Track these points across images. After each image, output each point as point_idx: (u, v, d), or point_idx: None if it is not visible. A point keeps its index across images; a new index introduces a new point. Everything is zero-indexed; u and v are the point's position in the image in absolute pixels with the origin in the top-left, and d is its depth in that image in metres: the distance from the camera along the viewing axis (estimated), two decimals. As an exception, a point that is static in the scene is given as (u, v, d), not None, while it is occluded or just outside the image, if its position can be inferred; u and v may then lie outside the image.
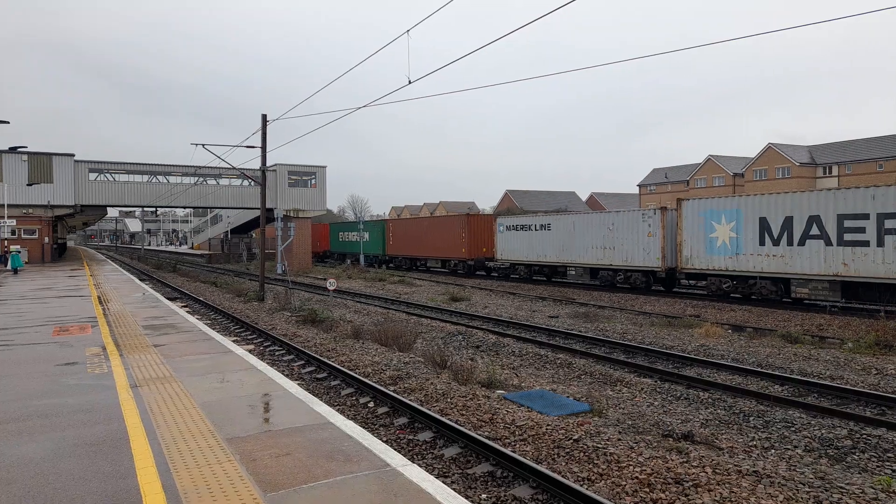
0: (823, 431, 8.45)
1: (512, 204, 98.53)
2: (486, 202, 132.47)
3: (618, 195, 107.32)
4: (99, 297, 19.69)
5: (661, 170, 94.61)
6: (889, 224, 17.86)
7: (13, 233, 37.61)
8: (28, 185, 38.45)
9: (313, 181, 49.75)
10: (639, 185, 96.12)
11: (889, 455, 7.66)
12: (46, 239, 40.90)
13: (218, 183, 46.62)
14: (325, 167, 49.90)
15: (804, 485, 6.33)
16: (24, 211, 38.99)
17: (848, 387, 10.52)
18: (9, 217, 36.26)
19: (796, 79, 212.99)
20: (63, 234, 64.82)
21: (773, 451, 7.84)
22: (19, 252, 33.09)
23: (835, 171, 70.34)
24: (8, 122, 28.39)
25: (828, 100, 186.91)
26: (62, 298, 19.37)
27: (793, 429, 8.67)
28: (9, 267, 32.55)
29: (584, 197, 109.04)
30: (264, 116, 25.23)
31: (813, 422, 8.88)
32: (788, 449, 7.91)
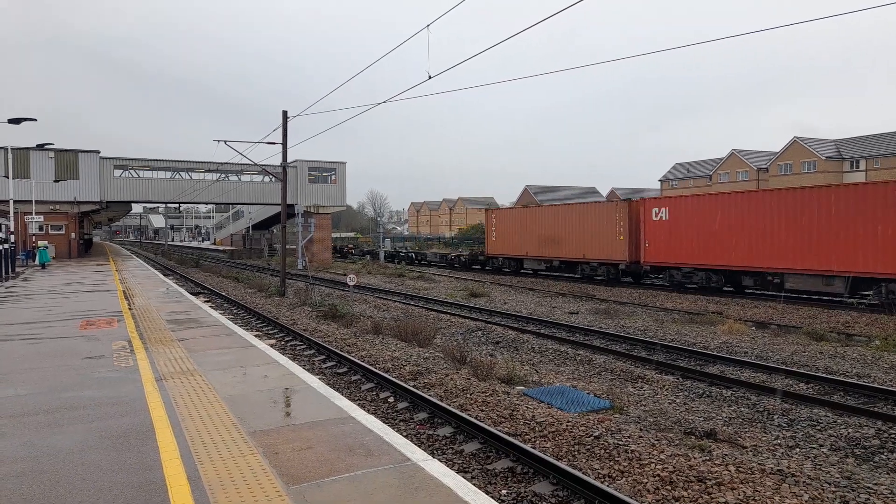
0: (850, 430, 8.31)
1: (532, 199, 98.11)
2: (505, 198, 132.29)
3: (638, 190, 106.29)
4: (124, 292, 20.02)
5: (682, 164, 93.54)
6: None
7: (41, 228, 38.37)
8: (55, 181, 39.17)
9: (333, 177, 50.06)
10: (661, 180, 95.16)
11: (918, 455, 7.50)
12: (73, 235, 41.66)
13: (239, 179, 47.13)
14: (344, 163, 50.17)
15: (830, 484, 6.23)
16: (52, 207, 39.73)
17: (875, 385, 10.33)
18: (36, 213, 36.97)
19: (814, 71, 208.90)
20: (89, 230, 65.97)
21: (797, 449, 7.73)
22: (46, 247, 33.78)
23: (862, 165, 68.90)
24: (35, 120, 28.90)
25: (848, 93, 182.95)
26: (88, 293, 19.72)
27: (818, 427, 8.53)
28: (36, 262, 33.26)
29: (604, 192, 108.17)
30: (285, 113, 25.38)
31: (839, 420, 8.73)
32: (814, 448, 7.79)
